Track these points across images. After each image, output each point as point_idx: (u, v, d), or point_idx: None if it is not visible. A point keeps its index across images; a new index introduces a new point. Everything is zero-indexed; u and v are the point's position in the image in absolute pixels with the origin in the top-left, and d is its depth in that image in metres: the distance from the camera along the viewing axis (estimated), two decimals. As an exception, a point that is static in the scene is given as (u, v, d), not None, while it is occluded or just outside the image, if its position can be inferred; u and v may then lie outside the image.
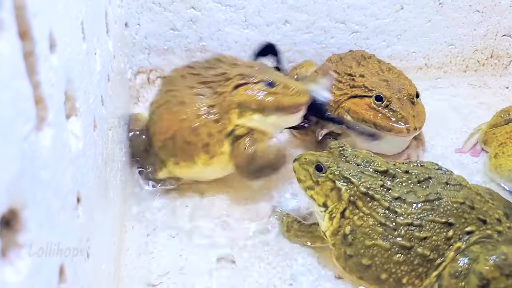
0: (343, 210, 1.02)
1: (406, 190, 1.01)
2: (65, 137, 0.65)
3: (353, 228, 1.00)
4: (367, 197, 1.00)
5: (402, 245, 0.96)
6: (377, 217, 0.98)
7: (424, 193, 1.00)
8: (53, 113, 0.58)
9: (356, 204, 1.01)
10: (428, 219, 0.97)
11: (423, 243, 0.96)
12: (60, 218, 0.59)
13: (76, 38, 0.76)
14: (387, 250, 0.97)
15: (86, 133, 0.78)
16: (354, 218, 1.00)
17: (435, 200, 0.99)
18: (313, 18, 1.62)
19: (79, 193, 0.71)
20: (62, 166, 0.62)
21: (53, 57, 0.60)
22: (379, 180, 1.02)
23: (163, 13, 1.57)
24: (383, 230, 0.97)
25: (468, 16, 1.69)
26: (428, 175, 1.04)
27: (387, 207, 0.99)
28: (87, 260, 0.72)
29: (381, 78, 1.33)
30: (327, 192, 1.04)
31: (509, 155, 1.29)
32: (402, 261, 0.96)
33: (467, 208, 0.99)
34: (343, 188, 1.02)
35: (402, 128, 1.23)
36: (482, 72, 1.79)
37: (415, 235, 0.96)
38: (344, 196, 1.01)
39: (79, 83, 0.76)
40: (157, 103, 1.26)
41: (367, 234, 0.98)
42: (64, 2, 0.68)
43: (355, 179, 1.02)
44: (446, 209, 0.98)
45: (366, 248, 0.98)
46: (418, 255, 0.96)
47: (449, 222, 0.97)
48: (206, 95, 1.18)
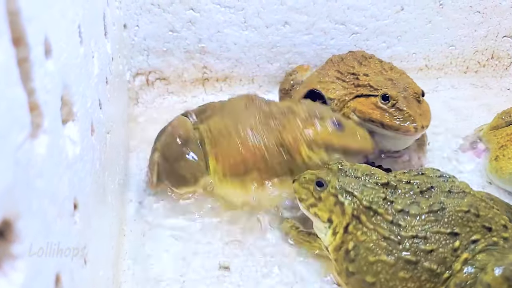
0: (347, 225, 0.99)
1: (409, 202, 0.98)
2: (61, 143, 0.64)
3: (356, 244, 0.97)
4: (370, 211, 0.97)
5: (408, 260, 0.92)
6: (381, 231, 0.95)
7: (427, 203, 0.97)
8: (48, 119, 0.57)
9: (360, 218, 0.98)
10: (433, 231, 0.94)
11: (429, 257, 0.92)
12: (56, 226, 0.58)
13: (73, 42, 0.75)
14: (392, 266, 0.93)
15: (83, 138, 0.77)
16: (358, 234, 0.97)
17: (439, 210, 0.96)
18: (312, 19, 1.61)
19: (76, 199, 0.70)
20: (58, 173, 0.61)
21: (48, 63, 0.59)
22: (381, 192, 0.99)
23: (162, 15, 1.56)
24: (387, 244, 0.94)
25: (468, 17, 1.69)
26: (430, 184, 1.01)
27: (391, 221, 0.96)
28: (84, 266, 0.72)
29: (385, 77, 1.32)
30: (331, 207, 1.02)
31: (510, 157, 1.28)
32: (409, 277, 0.92)
33: (472, 216, 0.96)
34: (346, 202, 1.00)
35: (410, 127, 1.22)
36: (482, 73, 1.78)
37: (420, 248, 0.93)
38: (347, 211, 0.99)
39: (76, 88, 0.75)
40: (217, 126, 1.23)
41: (370, 250, 0.95)
42: (61, 6, 0.67)
43: (357, 193, 1.00)
44: (451, 219, 0.95)
45: (369, 264, 0.94)
46: (425, 270, 0.92)
47: (455, 232, 0.94)
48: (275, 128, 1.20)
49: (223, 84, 1.70)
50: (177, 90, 1.68)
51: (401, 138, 1.27)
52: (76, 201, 0.70)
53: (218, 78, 1.69)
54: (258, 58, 1.67)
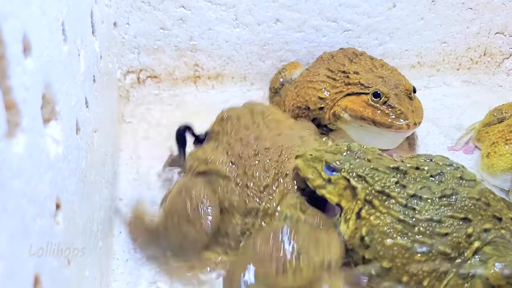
0: (359, 210, 0.97)
1: (420, 186, 0.97)
2: (42, 142, 0.63)
3: (369, 229, 0.95)
4: (383, 196, 0.96)
5: (423, 242, 0.92)
6: (395, 214, 0.94)
7: (438, 188, 0.97)
8: (27, 118, 0.57)
9: (373, 203, 0.96)
10: (447, 215, 0.93)
11: (444, 240, 0.92)
12: (36, 226, 0.57)
13: (55, 40, 0.74)
14: (408, 249, 0.92)
15: (67, 137, 0.76)
16: (371, 218, 0.95)
17: (452, 195, 0.95)
18: (304, 16, 1.60)
19: (59, 199, 0.69)
20: (38, 172, 0.60)
21: (28, 61, 0.58)
22: (392, 176, 0.98)
23: (153, 12, 1.55)
24: (402, 227, 0.93)
25: (460, 14, 1.68)
26: (440, 170, 1.00)
27: (405, 205, 0.95)
28: (67, 267, 0.71)
29: (376, 75, 1.32)
30: (341, 191, 0.99)
31: (501, 154, 1.28)
32: (424, 260, 0.92)
33: (483, 204, 0.96)
34: (359, 187, 0.97)
35: (402, 124, 1.22)
36: (475, 70, 1.78)
37: (435, 232, 0.92)
38: (360, 195, 0.97)
39: (59, 86, 0.74)
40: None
41: (385, 233, 0.93)
42: (41, 3, 0.66)
43: (370, 177, 0.98)
44: (464, 204, 0.94)
45: (385, 249, 0.93)
46: (439, 253, 0.91)
47: (468, 218, 0.93)
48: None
49: (214, 82, 1.69)
50: (168, 88, 1.67)
51: (393, 135, 1.26)
52: (58, 201, 0.69)
53: (210, 76, 1.69)
54: (250, 56, 1.66)
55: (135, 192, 1.30)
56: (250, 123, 1.18)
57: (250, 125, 1.18)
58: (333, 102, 1.32)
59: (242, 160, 1.10)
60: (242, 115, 1.21)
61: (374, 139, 1.31)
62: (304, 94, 1.37)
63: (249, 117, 1.20)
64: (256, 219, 1.04)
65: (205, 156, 1.14)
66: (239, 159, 1.11)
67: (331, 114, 1.32)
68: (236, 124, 1.18)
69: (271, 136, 1.15)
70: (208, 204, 1.05)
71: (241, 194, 1.06)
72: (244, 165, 1.09)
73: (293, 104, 1.40)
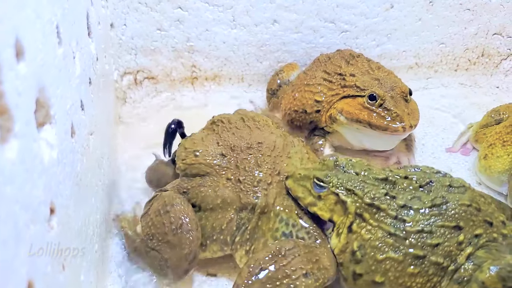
0: (350, 224, 0.97)
1: (410, 197, 0.98)
2: (35, 147, 0.62)
3: (361, 243, 0.95)
4: (373, 208, 0.96)
5: (415, 255, 0.92)
6: (386, 227, 0.94)
7: (428, 198, 0.97)
8: (20, 123, 0.56)
9: (363, 216, 0.97)
10: (438, 225, 0.94)
11: (435, 251, 0.92)
12: (29, 232, 0.57)
13: (50, 43, 0.73)
14: (400, 263, 0.92)
15: (62, 141, 0.76)
16: (362, 232, 0.96)
17: (442, 204, 0.96)
18: (302, 17, 1.60)
19: (53, 203, 0.68)
20: (32, 178, 0.59)
21: (20, 65, 0.58)
22: (381, 188, 0.98)
23: (150, 13, 1.55)
24: (394, 241, 0.93)
25: (458, 15, 1.68)
26: (429, 179, 1.01)
27: (395, 216, 0.95)
28: (62, 272, 0.70)
29: (372, 77, 1.31)
30: (332, 206, 1.00)
31: (498, 156, 1.27)
32: (417, 272, 0.92)
33: (474, 210, 0.96)
34: (349, 201, 0.98)
35: (398, 126, 1.22)
36: (473, 71, 1.78)
37: (427, 243, 0.92)
38: (350, 209, 0.98)
39: (54, 89, 0.73)
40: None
41: (377, 248, 0.93)
42: (35, 7, 0.66)
43: (359, 190, 0.98)
44: (454, 212, 0.95)
45: (377, 263, 0.93)
46: (432, 264, 0.92)
47: (459, 226, 0.94)
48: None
49: (212, 83, 1.69)
50: (165, 89, 1.67)
51: (389, 137, 1.26)
52: (53, 205, 0.69)
53: (207, 76, 1.68)
54: (247, 57, 1.65)
55: (132, 194, 1.29)
56: (241, 125, 1.18)
57: (241, 125, 1.18)
58: (329, 105, 1.32)
59: (234, 153, 1.09)
60: (233, 119, 1.21)
61: (371, 141, 1.31)
62: (301, 98, 1.37)
63: (240, 121, 1.20)
64: (251, 214, 1.03)
65: (195, 147, 1.13)
66: (231, 151, 1.10)
67: (327, 116, 1.32)
68: (227, 125, 1.18)
69: (263, 134, 1.15)
70: (188, 227, 1.00)
71: (234, 189, 1.05)
72: (236, 159, 1.08)
73: (290, 108, 1.40)
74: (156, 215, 1.03)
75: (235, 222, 1.04)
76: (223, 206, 1.05)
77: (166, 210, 1.02)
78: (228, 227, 1.04)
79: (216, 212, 1.05)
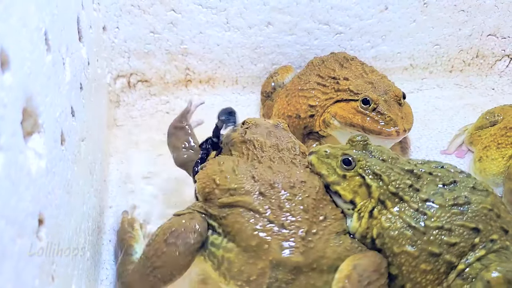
0: (372, 209, 0.96)
1: (433, 192, 0.97)
2: (22, 158, 0.61)
3: (380, 232, 0.94)
4: (396, 198, 0.96)
5: (431, 252, 0.91)
6: (406, 219, 0.94)
7: (451, 196, 0.96)
8: (6, 135, 0.55)
9: (385, 203, 0.96)
10: (458, 224, 0.93)
11: (451, 249, 0.92)
12: (15, 247, 0.56)
13: (37, 51, 0.72)
14: (415, 258, 0.92)
15: (51, 150, 0.75)
16: (382, 219, 0.95)
17: (464, 204, 0.95)
18: (296, 19, 1.59)
19: (41, 214, 0.67)
20: (18, 191, 0.58)
21: (5, 76, 0.57)
22: (407, 179, 0.97)
23: (143, 16, 1.53)
24: (412, 234, 0.92)
25: (453, 16, 1.67)
26: (453, 179, 0.99)
27: (416, 209, 0.94)
28: (51, 283, 0.69)
29: (366, 81, 1.31)
30: (355, 188, 0.98)
31: (493, 159, 1.27)
32: (430, 269, 0.92)
33: (494, 215, 0.96)
34: (374, 185, 0.97)
35: (392, 131, 1.21)
36: (467, 72, 1.78)
37: (444, 240, 0.92)
38: (374, 194, 0.97)
39: (42, 98, 0.72)
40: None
41: (395, 239, 0.93)
42: (21, 15, 0.64)
43: (385, 176, 0.97)
44: (475, 214, 0.94)
45: (394, 256, 0.93)
46: (445, 262, 0.92)
47: (478, 228, 0.93)
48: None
49: (206, 86, 1.68)
50: (159, 92, 1.65)
51: (383, 141, 1.26)
52: (41, 216, 0.67)
53: (201, 79, 1.67)
54: (242, 59, 1.64)
55: (125, 199, 1.28)
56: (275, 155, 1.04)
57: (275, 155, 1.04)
58: (323, 109, 1.32)
59: (274, 192, 0.95)
60: (265, 145, 1.06)
61: None
62: (294, 103, 1.37)
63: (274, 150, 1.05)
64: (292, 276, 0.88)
65: (228, 184, 0.97)
66: (270, 189, 0.96)
67: (321, 121, 1.31)
68: (259, 153, 1.04)
69: (303, 171, 1.01)
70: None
71: (275, 235, 0.90)
72: (278, 199, 0.94)
73: (283, 113, 1.39)
74: (162, 243, 0.93)
75: (267, 279, 0.88)
76: (258, 251, 0.89)
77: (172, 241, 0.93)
78: (257, 281, 0.88)
79: (248, 255, 0.90)
